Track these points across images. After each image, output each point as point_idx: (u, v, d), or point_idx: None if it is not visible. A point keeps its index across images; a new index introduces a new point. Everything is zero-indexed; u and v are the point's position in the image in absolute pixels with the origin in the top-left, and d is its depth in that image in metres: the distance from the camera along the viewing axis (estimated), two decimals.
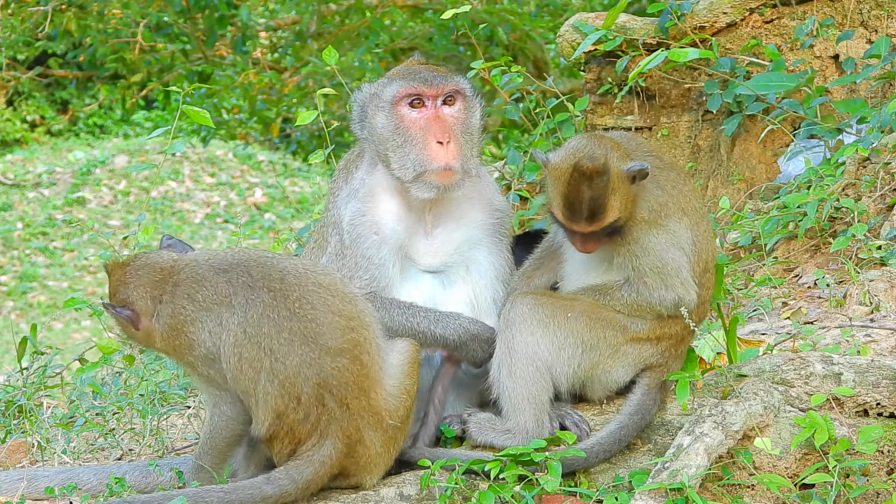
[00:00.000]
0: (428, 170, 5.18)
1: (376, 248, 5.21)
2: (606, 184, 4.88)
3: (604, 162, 4.87)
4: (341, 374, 4.74)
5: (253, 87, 19.23)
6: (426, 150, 5.18)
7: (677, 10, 8.40)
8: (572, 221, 4.95)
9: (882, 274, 6.62)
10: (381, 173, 5.32)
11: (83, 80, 24.34)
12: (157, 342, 4.97)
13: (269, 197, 24.34)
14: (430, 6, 18.38)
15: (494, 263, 5.37)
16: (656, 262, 4.97)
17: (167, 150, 7.08)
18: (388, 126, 5.24)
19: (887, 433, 5.05)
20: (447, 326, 5.13)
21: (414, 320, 5.12)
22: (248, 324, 4.76)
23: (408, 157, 5.20)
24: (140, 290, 4.95)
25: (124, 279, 4.99)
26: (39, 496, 5.26)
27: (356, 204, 5.29)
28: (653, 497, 4.70)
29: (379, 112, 5.27)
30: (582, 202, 4.89)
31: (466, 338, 5.13)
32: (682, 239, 5.02)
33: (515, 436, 4.99)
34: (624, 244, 4.99)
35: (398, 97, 5.24)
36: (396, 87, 5.25)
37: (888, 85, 8.05)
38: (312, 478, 4.73)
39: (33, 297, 21.25)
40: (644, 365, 5.10)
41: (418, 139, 5.20)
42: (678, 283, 4.99)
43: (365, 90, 5.37)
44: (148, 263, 4.99)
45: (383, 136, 5.24)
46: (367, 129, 5.32)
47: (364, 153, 5.41)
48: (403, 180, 5.21)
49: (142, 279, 4.96)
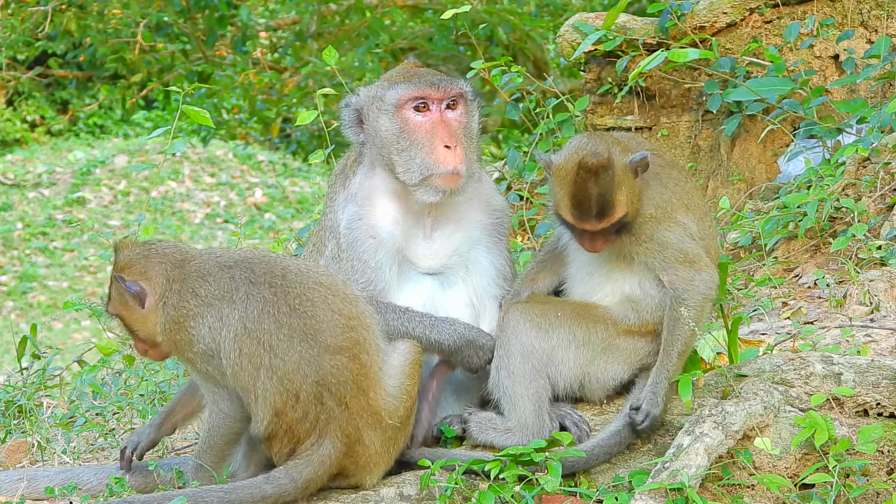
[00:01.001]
0: (434, 174, 5.17)
1: (372, 252, 5.21)
2: (612, 178, 4.89)
3: (608, 157, 4.89)
4: (340, 373, 4.74)
5: (253, 87, 19.23)
6: (433, 154, 5.18)
7: (677, 10, 8.40)
8: (582, 220, 4.96)
9: (882, 274, 6.62)
10: (380, 177, 5.31)
11: (83, 80, 24.34)
12: (157, 332, 4.93)
13: (269, 197, 24.35)
14: (430, 6, 18.38)
15: (494, 263, 5.37)
16: (678, 253, 5.00)
17: (167, 150, 7.09)
18: (393, 129, 5.23)
19: (887, 433, 5.05)
20: (442, 332, 5.14)
21: (409, 325, 5.12)
22: (248, 319, 4.77)
23: (413, 161, 5.19)
24: (160, 268, 4.92)
25: (147, 253, 4.96)
26: (39, 496, 5.27)
27: (353, 208, 5.29)
28: (653, 497, 4.70)
29: (382, 115, 5.26)
30: (590, 199, 4.90)
31: (462, 343, 5.14)
32: (692, 231, 5.05)
33: (516, 433, 5.00)
34: (639, 243, 5.01)
35: (403, 100, 5.23)
36: (401, 90, 5.23)
37: (888, 85, 8.05)
38: (312, 477, 4.73)
39: (33, 297, 21.26)
40: (641, 363, 5.11)
41: (424, 143, 5.19)
42: (705, 265, 5.02)
43: (362, 94, 5.35)
44: (174, 246, 4.99)
45: (387, 140, 5.23)
46: (368, 133, 5.30)
47: (362, 157, 5.38)
48: (408, 184, 5.20)
49: (165, 257, 4.94)
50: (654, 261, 5.01)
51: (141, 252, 4.97)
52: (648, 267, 5.02)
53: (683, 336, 4.97)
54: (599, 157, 4.88)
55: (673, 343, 4.98)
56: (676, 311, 4.96)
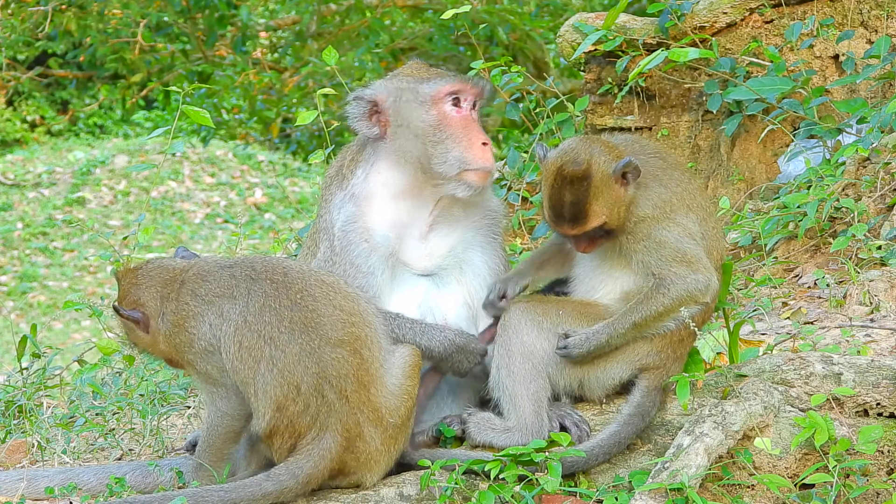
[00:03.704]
0: (470, 168, 5.21)
1: (365, 257, 5.22)
2: (588, 188, 4.92)
3: (586, 167, 4.91)
4: (340, 365, 4.76)
5: (253, 87, 19.24)
6: (471, 149, 5.22)
7: (677, 10, 8.40)
8: (556, 224, 5.02)
9: (882, 274, 6.63)
10: (386, 174, 5.30)
11: (83, 80, 24.36)
12: (161, 344, 4.99)
13: (269, 197, 24.34)
14: (430, 6, 18.39)
15: (489, 262, 5.37)
16: (675, 252, 4.99)
17: (167, 150, 7.09)
18: (429, 121, 5.25)
19: (887, 433, 5.05)
20: (433, 338, 5.15)
21: (399, 331, 5.13)
22: (249, 313, 4.80)
23: (450, 154, 5.22)
24: (150, 291, 4.99)
25: (136, 281, 5.03)
26: (39, 496, 5.27)
27: (351, 208, 5.28)
28: (653, 497, 4.70)
29: (416, 107, 5.26)
30: (563, 206, 4.96)
31: (452, 350, 5.15)
32: (693, 232, 5.04)
33: (515, 433, 5.00)
34: (636, 241, 5.01)
35: (441, 94, 5.26)
36: (440, 83, 5.27)
37: (888, 85, 8.05)
38: (312, 472, 4.73)
39: (33, 297, 21.26)
40: (641, 364, 5.10)
41: (461, 138, 5.23)
42: (703, 268, 5.01)
43: (380, 86, 5.32)
44: (160, 266, 5.05)
45: (421, 132, 5.24)
46: (393, 125, 5.29)
47: (362, 155, 5.37)
48: (444, 176, 5.22)
49: (153, 280, 5.01)
50: (650, 259, 5.00)
51: (131, 281, 5.04)
52: (644, 265, 5.01)
53: (646, 313, 4.97)
54: (577, 167, 4.92)
55: (632, 312, 4.98)
56: (652, 292, 4.97)
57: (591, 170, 4.92)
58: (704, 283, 5.01)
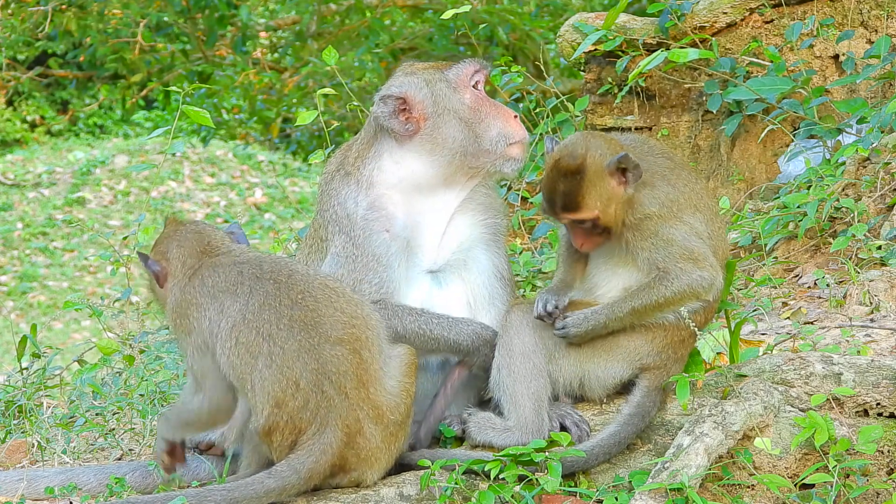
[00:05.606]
0: (513, 142, 5.34)
1: (385, 247, 5.21)
2: (581, 180, 4.95)
3: (580, 160, 4.95)
4: (340, 363, 4.76)
5: (253, 87, 19.25)
6: (508, 123, 5.36)
7: (677, 10, 8.40)
8: (548, 210, 5.08)
9: (882, 274, 6.63)
10: (411, 166, 5.29)
11: (83, 80, 24.35)
12: (167, 307, 5.04)
13: (269, 197, 24.35)
14: (430, 6, 18.39)
15: (493, 262, 5.38)
16: (682, 249, 5.00)
17: (167, 150, 7.09)
18: (468, 103, 5.35)
19: (887, 433, 5.05)
20: (460, 332, 5.15)
21: (427, 327, 5.13)
22: (248, 310, 4.82)
23: (492, 131, 5.32)
24: (180, 251, 5.04)
25: (174, 235, 5.09)
26: (39, 496, 5.27)
27: (370, 197, 5.27)
28: (653, 497, 4.70)
29: (452, 93, 5.34)
30: (555, 195, 5.00)
31: (479, 343, 5.15)
32: (700, 231, 5.06)
33: (515, 432, 5.00)
34: (643, 239, 5.02)
35: (466, 77, 5.40)
36: (465, 67, 5.40)
37: (888, 85, 8.05)
38: (314, 467, 4.73)
39: (33, 297, 21.26)
40: (641, 363, 5.10)
41: (496, 114, 5.36)
42: (709, 266, 5.03)
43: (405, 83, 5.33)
44: (199, 231, 5.09)
45: (466, 115, 5.33)
46: (437, 115, 5.31)
47: (374, 150, 5.35)
48: (492, 153, 5.30)
49: (187, 241, 5.05)
50: (657, 255, 5.01)
51: (170, 233, 5.10)
52: (650, 263, 5.02)
53: (646, 300, 4.99)
54: (572, 159, 4.97)
55: (633, 297, 5.00)
56: (654, 282, 4.99)
57: (586, 163, 4.97)
58: (709, 280, 5.02)
